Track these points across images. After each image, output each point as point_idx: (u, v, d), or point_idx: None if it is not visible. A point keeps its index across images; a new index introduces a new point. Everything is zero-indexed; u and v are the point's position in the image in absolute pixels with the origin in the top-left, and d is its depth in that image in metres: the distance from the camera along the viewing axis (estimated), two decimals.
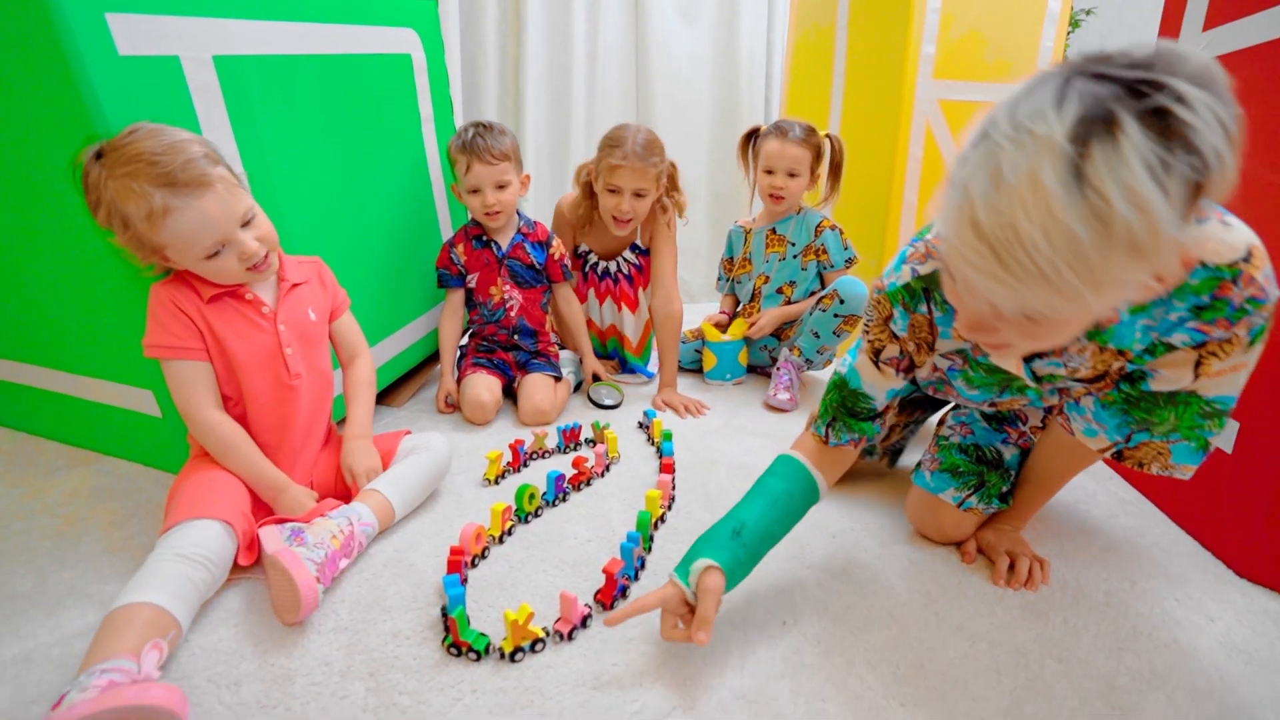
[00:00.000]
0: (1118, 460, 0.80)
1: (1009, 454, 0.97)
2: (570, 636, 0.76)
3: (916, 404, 1.17)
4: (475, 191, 1.39)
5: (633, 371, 1.76)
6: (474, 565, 0.90)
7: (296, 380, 0.97)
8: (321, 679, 0.70)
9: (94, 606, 0.81)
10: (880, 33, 1.83)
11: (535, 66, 2.41)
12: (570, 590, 0.78)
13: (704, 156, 2.79)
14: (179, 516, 0.80)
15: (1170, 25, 1.15)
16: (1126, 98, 0.44)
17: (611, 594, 0.82)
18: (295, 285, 0.99)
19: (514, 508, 1.01)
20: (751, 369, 1.82)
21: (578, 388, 1.65)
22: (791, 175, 1.57)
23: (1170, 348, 0.68)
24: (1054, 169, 0.45)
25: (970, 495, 0.94)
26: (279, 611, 0.78)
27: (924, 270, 0.78)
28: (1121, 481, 1.20)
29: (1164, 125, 0.44)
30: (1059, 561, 0.94)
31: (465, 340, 1.58)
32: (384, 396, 1.51)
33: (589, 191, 1.55)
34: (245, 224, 0.87)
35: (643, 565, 0.90)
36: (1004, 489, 0.95)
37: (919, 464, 1.03)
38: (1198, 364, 0.68)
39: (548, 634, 0.75)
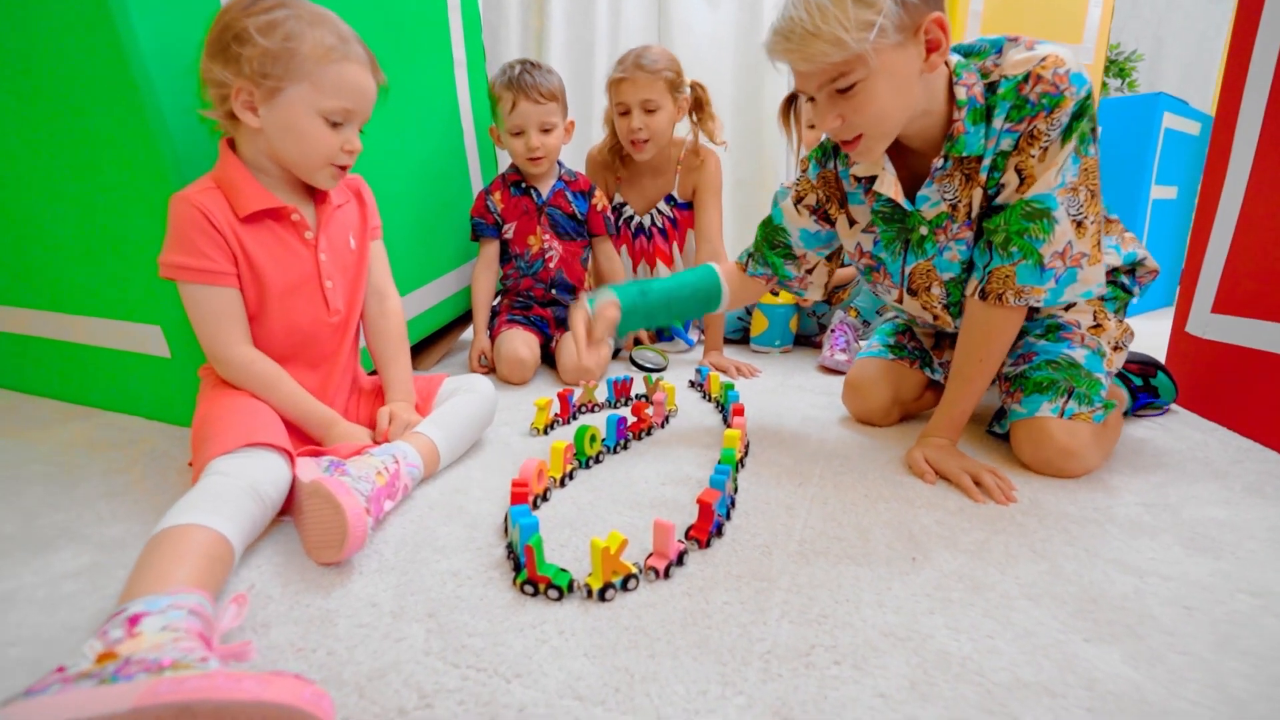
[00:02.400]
0: (984, 299, 0.85)
1: (1081, 356, 0.89)
2: (667, 574, 0.63)
3: None
4: (519, 134, 1.29)
5: (671, 339, 1.65)
6: (536, 506, 0.78)
7: (336, 317, 0.85)
8: (369, 620, 0.57)
9: (89, 548, 0.68)
10: None
11: (558, 41, 2.34)
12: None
13: (727, 141, 2.71)
14: (239, 439, 0.68)
15: None
16: None
17: (707, 529, 0.69)
18: (337, 207, 0.86)
19: (574, 449, 0.88)
20: (798, 340, 1.71)
21: (616, 354, 1.54)
22: None
23: (1005, 155, 0.81)
24: None
25: (1068, 401, 0.86)
26: (315, 549, 0.65)
27: None
28: (1228, 431, 1.09)
29: None
30: (1202, 500, 0.82)
31: (497, 301, 1.46)
32: None
33: (615, 132, 1.46)
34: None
35: (733, 504, 0.78)
36: (1101, 390, 0.87)
37: (1001, 412, 0.96)
38: (1019, 168, 0.80)
39: (640, 570, 0.63)
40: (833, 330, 1.50)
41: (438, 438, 0.86)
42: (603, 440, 0.93)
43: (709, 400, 1.22)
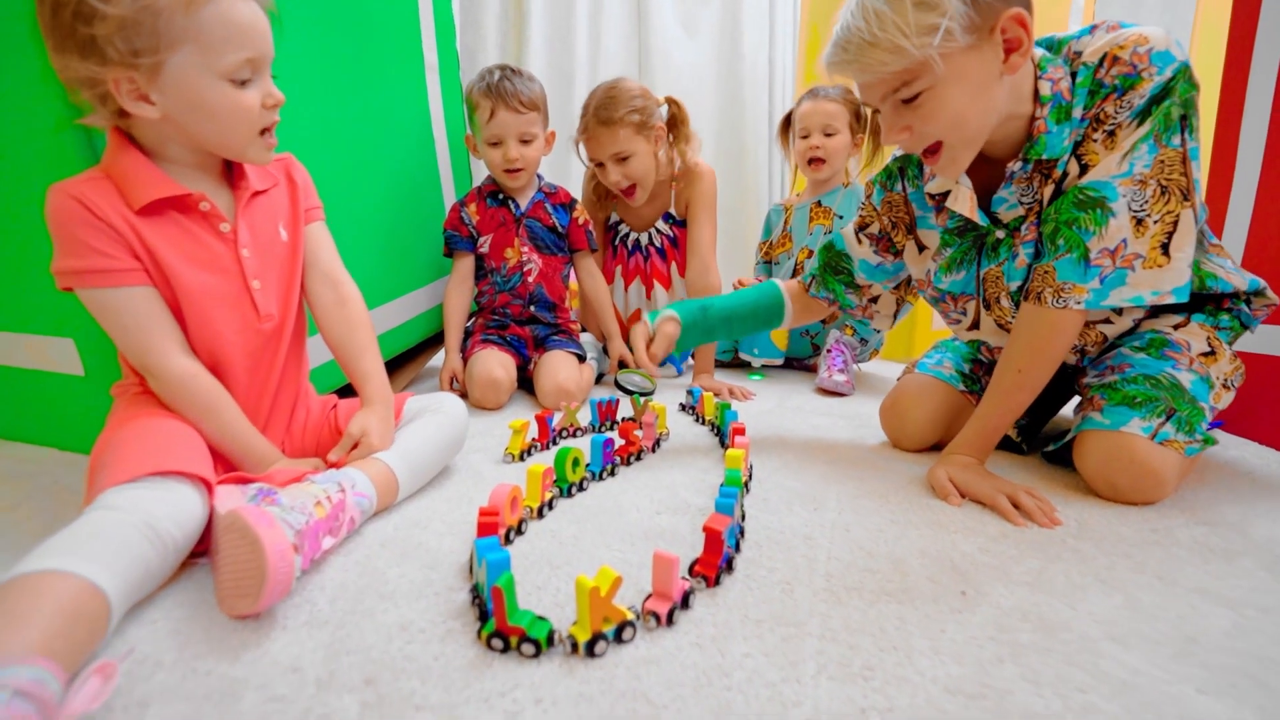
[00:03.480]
0: (1025, 299, 0.78)
1: (1187, 379, 0.77)
2: (670, 620, 0.51)
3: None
4: (497, 144, 1.21)
5: (661, 364, 1.54)
6: (509, 541, 0.65)
7: (269, 323, 0.72)
8: (286, 691, 0.44)
9: None
10: None
11: (536, 68, 2.30)
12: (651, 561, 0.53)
13: (701, 161, 2.67)
14: (143, 466, 0.55)
15: None
16: None
17: (716, 563, 0.57)
18: (258, 193, 0.73)
19: (553, 474, 0.76)
20: (790, 363, 1.62)
21: (599, 379, 1.42)
22: (828, 134, 1.43)
23: (1077, 144, 0.74)
24: None
25: (1164, 424, 0.74)
26: (227, 598, 0.52)
27: (900, 153, 0.93)
28: (1260, 446, 1.01)
29: None
30: (1268, 519, 0.72)
31: (471, 321, 1.35)
32: None
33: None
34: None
35: (741, 533, 0.66)
36: (1203, 421, 0.75)
37: (1076, 421, 0.82)
38: (1080, 153, 0.74)
39: (637, 616, 0.50)
40: (829, 350, 1.41)
41: (396, 464, 0.74)
42: (587, 465, 0.81)
43: (702, 423, 1.11)
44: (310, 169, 0.79)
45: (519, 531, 0.67)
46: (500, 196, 1.27)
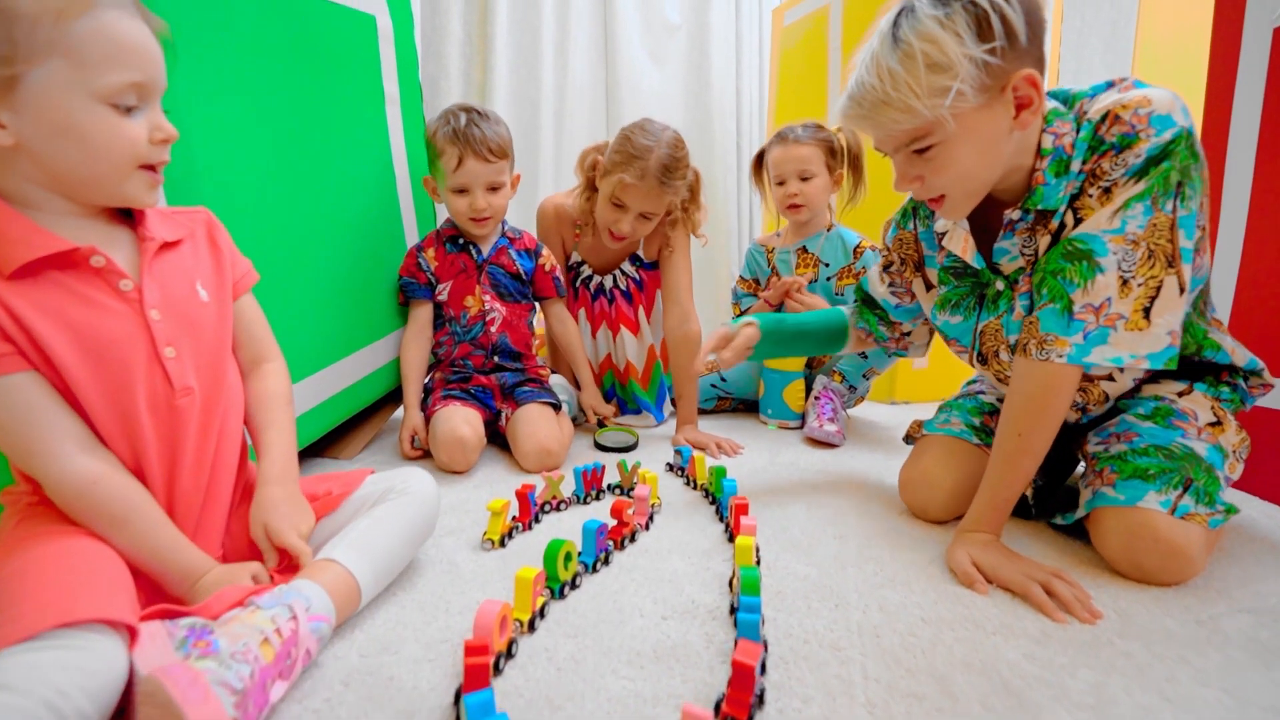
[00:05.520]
0: (1013, 352, 0.79)
1: (1202, 449, 0.74)
2: None
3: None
4: (463, 192, 1.12)
5: (637, 412, 1.46)
6: (499, 670, 0.55)
7: (186, 398, 0.60)
8: None
9: None
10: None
11: (501, 97, 2.22)
12: (667, 701, 0.44)
13: (707, 237, 2.63)
14: (46, 617, 0.44)
15: None
16: None
17: (747, 701, 0.49)
18: (168, 245, 0.62)
19: (545, 575, 0.67)
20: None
21: (576, 423, 1.34)
22: (804, 179, 1.39)
23: (1074, 197, 0.73)
24: (881, 39, 0.70)
25: (1182, 495, 0.70)
26: None
27: None
28: (1264, 502, 0.99)
29: None
30: None
31: (429, 376, 1.24)
32: (326, 446, 1.13)
33: (592, 184, 1.29)
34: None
35: (765, 647, 0.58)
36: (1221, 490, 0.72)
37: (1085, 494, 0.78)
38: (1076, 206, 0.73)
39: None
40: (817, 398, 1.36)
41: (357, 567, 0.63)
42: (579, 556, 0.72)
43: (694, 487, 1.03)
44: (259, 209, 0.70)
45: (509, 654, 0.57)
46: (461, 241, 1.19)
